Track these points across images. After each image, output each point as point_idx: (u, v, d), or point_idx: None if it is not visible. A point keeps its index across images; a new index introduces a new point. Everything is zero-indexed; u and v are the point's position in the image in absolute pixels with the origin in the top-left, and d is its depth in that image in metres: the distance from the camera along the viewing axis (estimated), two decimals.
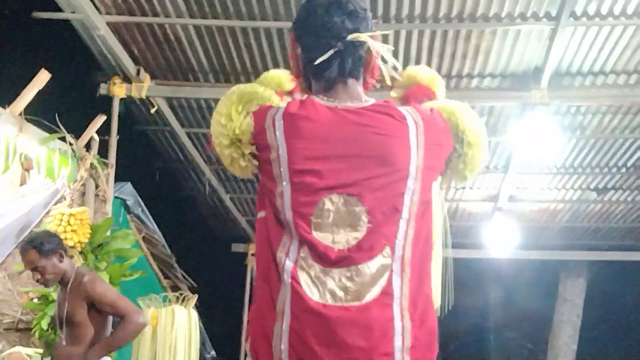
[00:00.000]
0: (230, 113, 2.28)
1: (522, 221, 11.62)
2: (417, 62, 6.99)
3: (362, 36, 2.26)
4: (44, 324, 5.59)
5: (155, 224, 8.14)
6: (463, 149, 2.36)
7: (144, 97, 7.19)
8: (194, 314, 6.66)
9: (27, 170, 5.56)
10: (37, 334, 5.65)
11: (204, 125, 8.82)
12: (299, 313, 2.14)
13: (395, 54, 6.68)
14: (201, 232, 12.29)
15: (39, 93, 5.69)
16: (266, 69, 7.20)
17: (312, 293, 2.14)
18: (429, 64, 7.02)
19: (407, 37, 6.63)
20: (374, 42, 2.28)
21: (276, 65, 7.22)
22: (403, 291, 2.17)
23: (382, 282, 2.15)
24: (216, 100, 7.32)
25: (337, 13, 2.26)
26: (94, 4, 6.14)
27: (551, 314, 14.30)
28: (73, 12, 6.13)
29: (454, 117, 2.38)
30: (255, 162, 2.28)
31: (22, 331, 5.91)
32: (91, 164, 6.39)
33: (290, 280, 2.15)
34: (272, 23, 6.44)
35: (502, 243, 11.81)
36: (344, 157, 2.19)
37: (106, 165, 6.68)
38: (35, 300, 5.82)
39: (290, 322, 2.14)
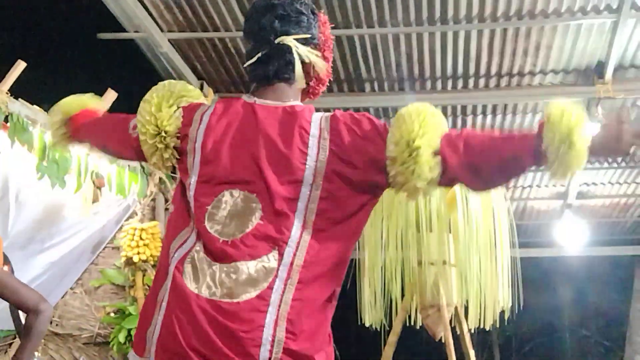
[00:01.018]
0: (161, 104, 2.34)
1: (593, 217, 11.40)
2: (478, 62, 6.95)
3: (287, 39, 2.26)
4: (121, 338, 5.72)
5: None
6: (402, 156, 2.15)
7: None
8: None
9: (99, 187, 5.69)
10: (114, 348, 5.78)
11: None
12: (173, 302, 2.10)
13: (455, 55, 6.71)
14: None
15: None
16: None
17: (190, 284, 2.11)
18: (489, 63, 6.98)
19: (465, 37, 6.59)
20: (298, 45, 2.27)
21: (336, 72, 7.26)
22: (284, 299, 2.06)
23: (263, 285, 2.07)
24: None
25: (267, 17, 2.30)
26: (157, 23, 6.27)
27: (627, 310, 13.98)
28: (136, 32, 6.28)
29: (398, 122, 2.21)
30: (177, 156, 2.32)
31: (100, 345, 6.05)
32: (160, 179, 6.51)
33: (174, 271, 2.14)
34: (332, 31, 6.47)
35: (573, 240, 11.61)
36: (249, 155, 2.19)
37: (174, 179, 6.80)
38: (112, 315, 5.96)
39: (165, 311, 2.11)
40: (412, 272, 4.46)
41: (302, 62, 2.29)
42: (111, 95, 5.82)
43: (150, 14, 6.17)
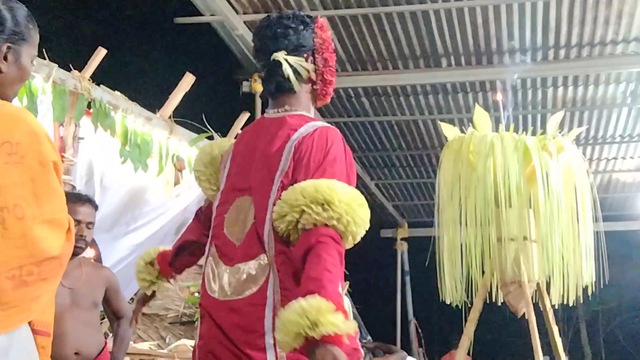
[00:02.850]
0: (206, 170, 2.73)
1: None
2: (557, 31, 6.80)
3: (278, 55, 2.44)
4: None
5: None
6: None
7: None
8: (347, 301, 6.75)
9: (180, 170, 5.80)
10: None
11: (345, 114, 8.90)
12: (202, 307, 2.42)
13: (533, 26, 6.57)
14: None
15: (185, 95, 5.93)
16: (402, 54, 7.23)
17: (210, 288, 2.39)
18: (569, 32, 6.82)
19: (544, 7, 6.45)
20: (288, 58, 2.44)
21: (412, 49, 7.20)
22: (275, 289, 2.26)
23: (260, 281, 2.28)
24: (355, 89, 7.36)
25: (260, 39, 2.53)
26: (232, 5, 6.32)
27: None
28: (212, 15, 6.35)
29: None
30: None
31: (186, 324, 6.17)
32: None
33: (202, 277, 2.44)
34: (405, 7, 6.43)
35: None
36: (249, 161, 2.44)
37: None
38: (196, 294, 6.07)
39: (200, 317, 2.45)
40: (492, 249, 4.40)
41: (300, 71, 2.46)
42: (189, 79, 5.91)
43: None
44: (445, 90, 8.19)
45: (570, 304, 4.42)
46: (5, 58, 2.07)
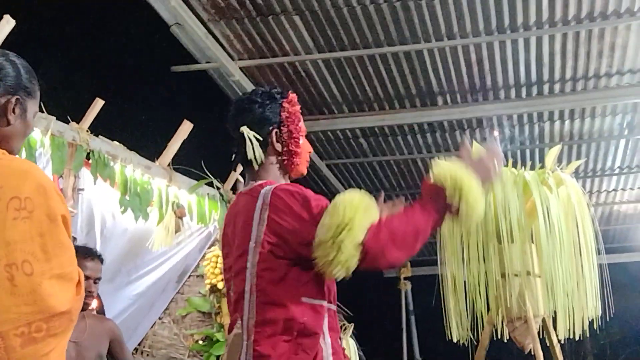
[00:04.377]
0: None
1: None
2: (551, 66, 6.85)
3: (242, 128, 2.59)
4: None
5: None
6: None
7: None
8: (353, 343, 6.71)
9: (181, 217, 5.79)
10: None
11: (343, 155, 8.93)
12: None
13: (527, 62, 6.62)
14: None
15: (184, 143, 5.95)
16: (398, 93, 7.28)
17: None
18: (563, 66, 6.87)
19: (537, 43, 6.50)
20: (249, 131, 2.59)
21: (407, 88, 7.24)
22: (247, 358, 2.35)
23: (238, 351, 2.38)
24: (352, 130, 7.37)
25: (230, 114, 2.68)
26: (227, 52, 6.38)
27: None
28: (208, 62, 6.40)
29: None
30: None
31: None
32: None
33: None
34: (399, 47, 6.48)
35: None
36: (229, 242, 2.57)
37: None
38: (200, 342, 6.03)
39: None
40: (496, 285, 4.39)
41: (265, 143, 2.59)
42: (187, 126, 5.93)
43: (221, 44, 6.29)
44: (442, 128, 8.22)
45: (577, 339, 4.39)
46: (13, 110, 2.09)
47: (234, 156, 2.67)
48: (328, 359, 2.42)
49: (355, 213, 2.28)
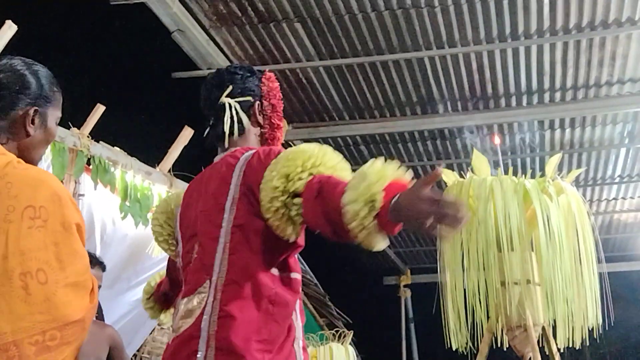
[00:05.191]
0: (162, 217, 2.78)
1: None
2: (552, 75, 6.86)
3: (223, 99, 2.53)
4: None
5: (305, 264, 8.27)
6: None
7: (282, 142, 7.36)
8: (352, 351, 6.69)
9: None
10: None
11: None
12: None
13: (528, 71, 6.63)
14: (351, 268, 12.36)
15: (184, 149, 5.95)
16: (399, 101, 7.28)
17: (172, 327, 2.36)
18: (564, 75, 6.87)
19: (538, 52, 6.51)
20: (232, 101, 2.52)
21: (408, 96, 7.25)
22: (212, 319, 2.18)
23: (197, 313, 2.22)
24: (353, 138, 7.37)
25: (207, 89, 2.60)
26: (228, 58, 6.39)
27: None
28: (209, 69, 6.40)
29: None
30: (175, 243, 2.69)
31: None
32: None
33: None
34: (400, 55, 6.49)
35: None
36: (190, 205, 2.48)
37: None
38: None
39: None
40: (496, 293, 4.38)
41: (248, 114, 2.54)
42: (188, 132, 5.94)
43: (222, 51, 6.30)
44: (442, 135, 8.23)
45: (577, 347, 4.38)
46: (32, 122, 2.10)
47: (207, 131, 2.57)
48: (299, 342, 2.29)
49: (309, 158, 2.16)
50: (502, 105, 7.41)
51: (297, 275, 2.33)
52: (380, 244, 2.07)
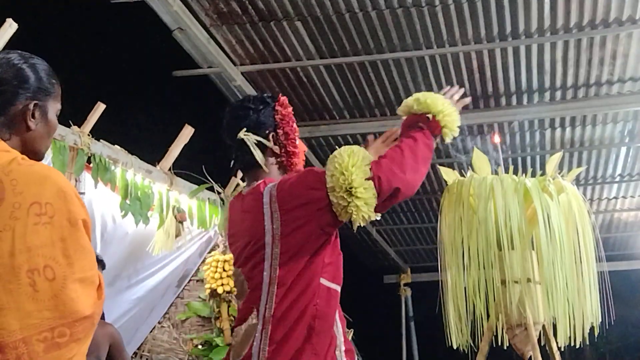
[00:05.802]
0: None
1: None
2: (553, 73, 6.86)
3: (240, 134, 2.67)
4: None
5: None
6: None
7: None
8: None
9: (181, 222, 5.79)
10: None
11: None
12: None
13: (528, 69, 6.62)
14: (351, 267, 12.32)
15: (185, 147, 5.95)
16: (399, 99, 7.27)
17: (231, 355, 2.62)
18: (564, 74, 6.87)
19: (538, 51, 6.51)
20: (249, 135, 2.68)
21: (409, 95, 7.22)
22: (262, 347, 2.43)
23: (250, 340, 2.46)
24: (354, 136, 7.39)
25: (226, 124, 2.74)
26: (229, 57, 6.38)
27: None
28: (210, 67, 6.40)
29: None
30: None
31: None
32: None
33: None
34: (400, 54, 6.49)
35: None
36: (236, 236, 2.68)
37: None
38: (200, 347, 6.03)
39: None
40: (496, 292, 4.38)
41: (264, 148, 2.69)
42: (188, 131, 5.94)
43: (223, 49, 6.29)
44: None
45: (577, 346, 4.38)
46: (33, 116, 2.10)
47: (232, 162, 2.74)
48: (341, 347, 2.50)
49: (351, 155, 2.52)
50: (502, 104, 7.41)
51: (337, 288, 2.56)
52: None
